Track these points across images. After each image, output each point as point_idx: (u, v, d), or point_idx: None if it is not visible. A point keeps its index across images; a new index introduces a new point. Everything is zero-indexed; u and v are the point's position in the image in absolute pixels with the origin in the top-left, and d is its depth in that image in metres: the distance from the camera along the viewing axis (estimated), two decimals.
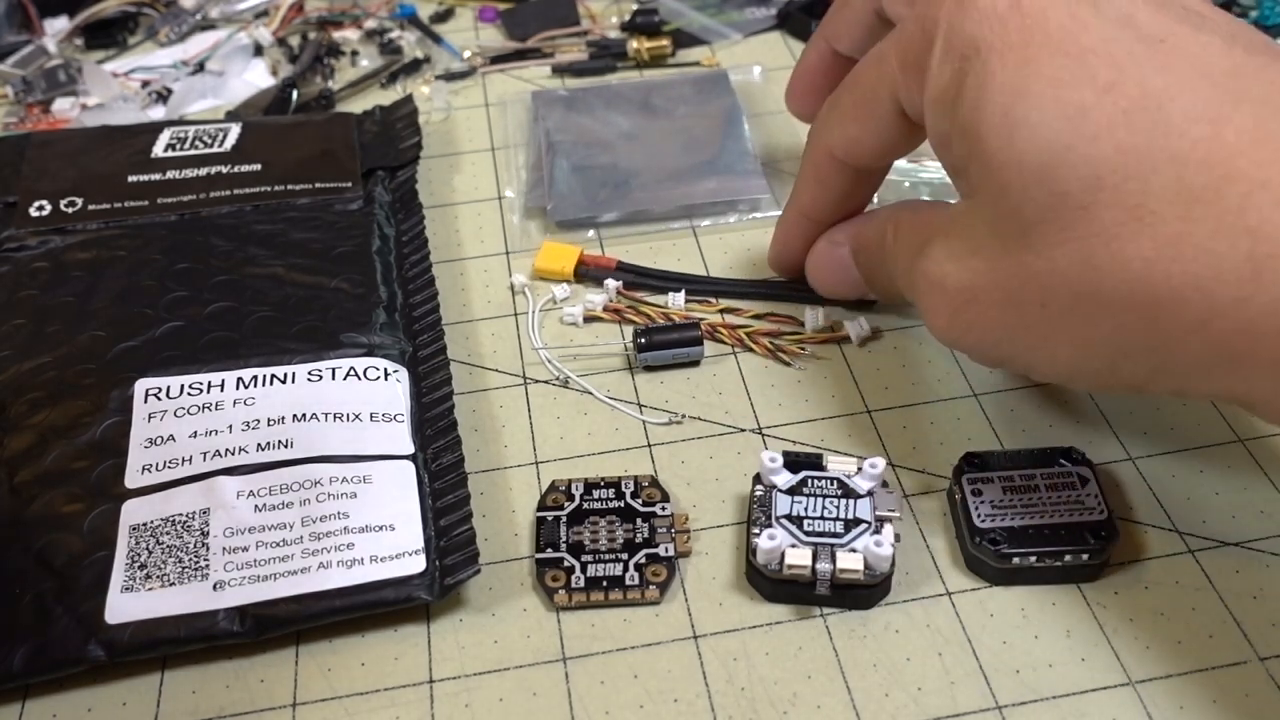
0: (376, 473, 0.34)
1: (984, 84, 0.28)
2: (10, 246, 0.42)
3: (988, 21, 0.28)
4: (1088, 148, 0.26)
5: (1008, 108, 0.27)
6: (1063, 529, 0.32)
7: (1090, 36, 0.27)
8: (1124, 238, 0.26)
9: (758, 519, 0.32)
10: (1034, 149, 0.27)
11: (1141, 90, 0.26)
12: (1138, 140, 0.26)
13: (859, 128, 0.34)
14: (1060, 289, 0.27)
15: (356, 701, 0.31)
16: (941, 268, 0.30)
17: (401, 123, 0.48)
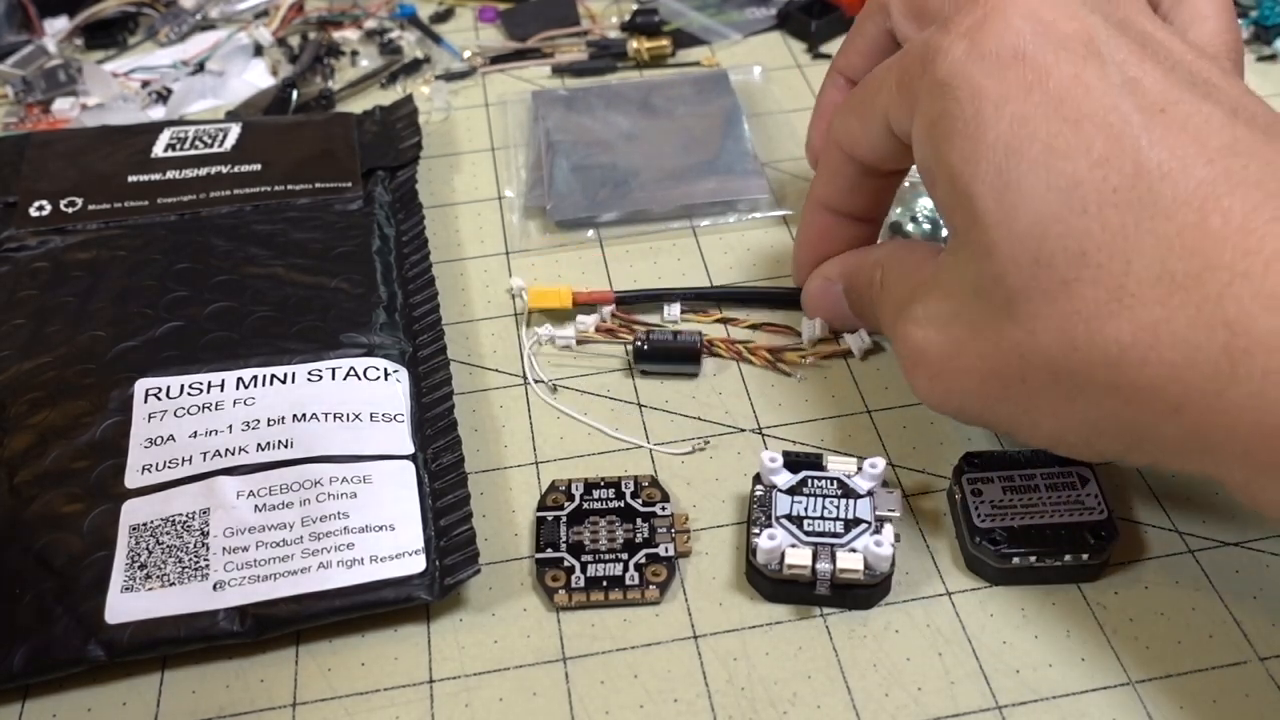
0: (376, 473, 0.34)
1: (978, 133, 0.27)
2: (10, 246, 0.42)
3: (989, 66, 0.27)
4: (1076, 221, 0.26)
5: (1001, 167, 0.27)
6: (1063, 529, 0.32)
7: (1091, 102, 0.26)
8: (1103, 318, 0.25)
9: (758, 519, 0.32)
10: (1024, 215, 0.26)
11: (1135, 167, 0.25)
12: (1125, 220, 0.25)
13: (858, 128, 0.34)
14: (1039, 365, 0.27)
15: (356, 701, 0.31)
16: (923, 332, 0.30)
17: (401, 123, 0.48)
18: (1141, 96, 0.26)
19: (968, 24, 0.28)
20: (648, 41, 0.54)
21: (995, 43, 0.27)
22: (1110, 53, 0.27)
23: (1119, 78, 0.27)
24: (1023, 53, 0.27)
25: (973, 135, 0.27)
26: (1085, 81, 0.27)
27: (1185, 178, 0.25)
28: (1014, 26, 0.27)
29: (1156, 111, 0.26)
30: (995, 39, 0.27)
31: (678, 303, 0.41)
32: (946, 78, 0.28)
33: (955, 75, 0.28)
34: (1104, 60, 0.27)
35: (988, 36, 0.28)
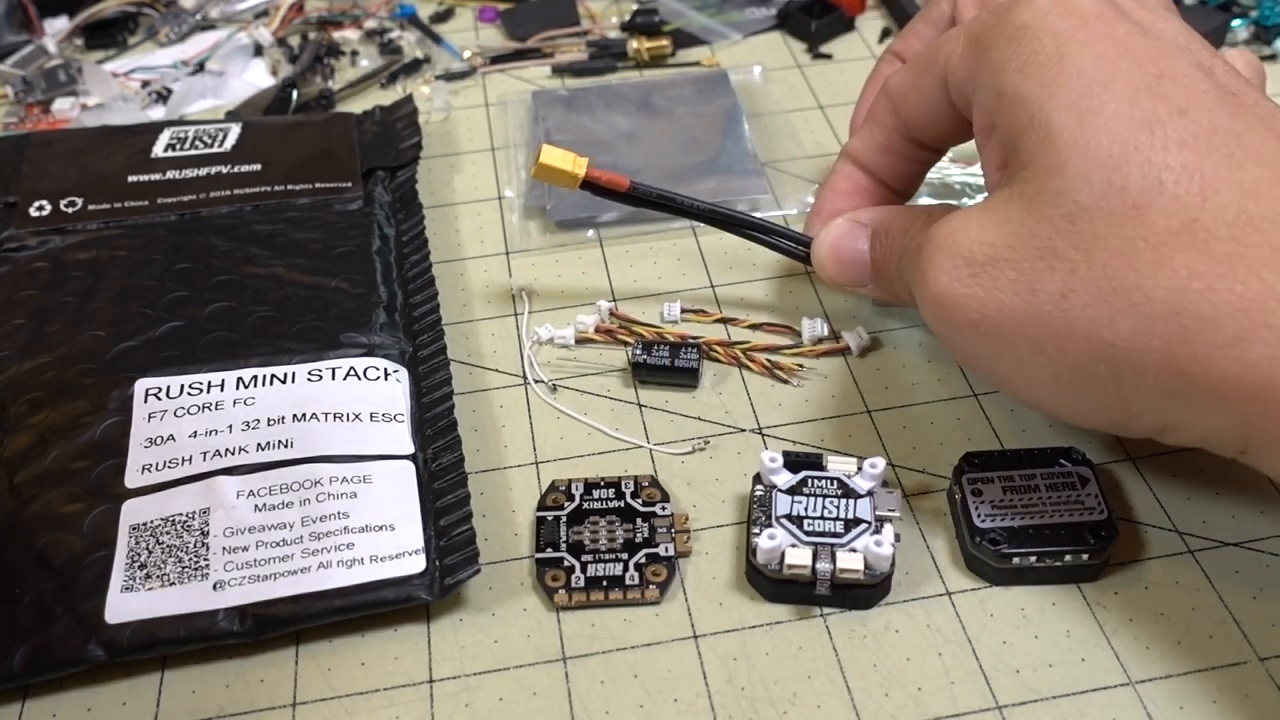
0: (376, 473, 0.34)
1: (1061, 65, 0.28)
2: (10, 246, 0.42)
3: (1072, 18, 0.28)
4: (1157, 154, 0.26)
5: (1086, 90, 0.27)
6: (1063, 529, 0.32)
7: (1171, 65, 0.27)
8: (1173, 246, 0.25)
9: (758, 519, 0.32)
10: (1105, 137, 0.27)
11: (1212, 125, 0.26)
12: (1204, 164, 0.26)
13: (911, 82, 0.34)
14: (1090, 282, 0.26)
15: (356, 701, 0.31)
16: (959, 228, 0.29)
17: (401, 123, 0.48)
18: (1215, 79, 0.27)
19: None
20: (648, 41, 0.54)
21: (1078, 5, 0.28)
22: (1182, 40, 0.28)
23: (1192, 59, 0.28)
24: (1103, 15, 0.28)
25: (1054, 66, 0.28)
26: (1163, 52, 0.28)
27: (1260, 146, 0.26)
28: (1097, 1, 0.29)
29: (1229, 92, 0.27)
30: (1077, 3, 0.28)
31: (678, 302, 0.41)
32: (1030, 21, 0.29)
33: (1039, 20, 0.29)
34: (1177, 45, 0.28)
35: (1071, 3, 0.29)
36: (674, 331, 0.40)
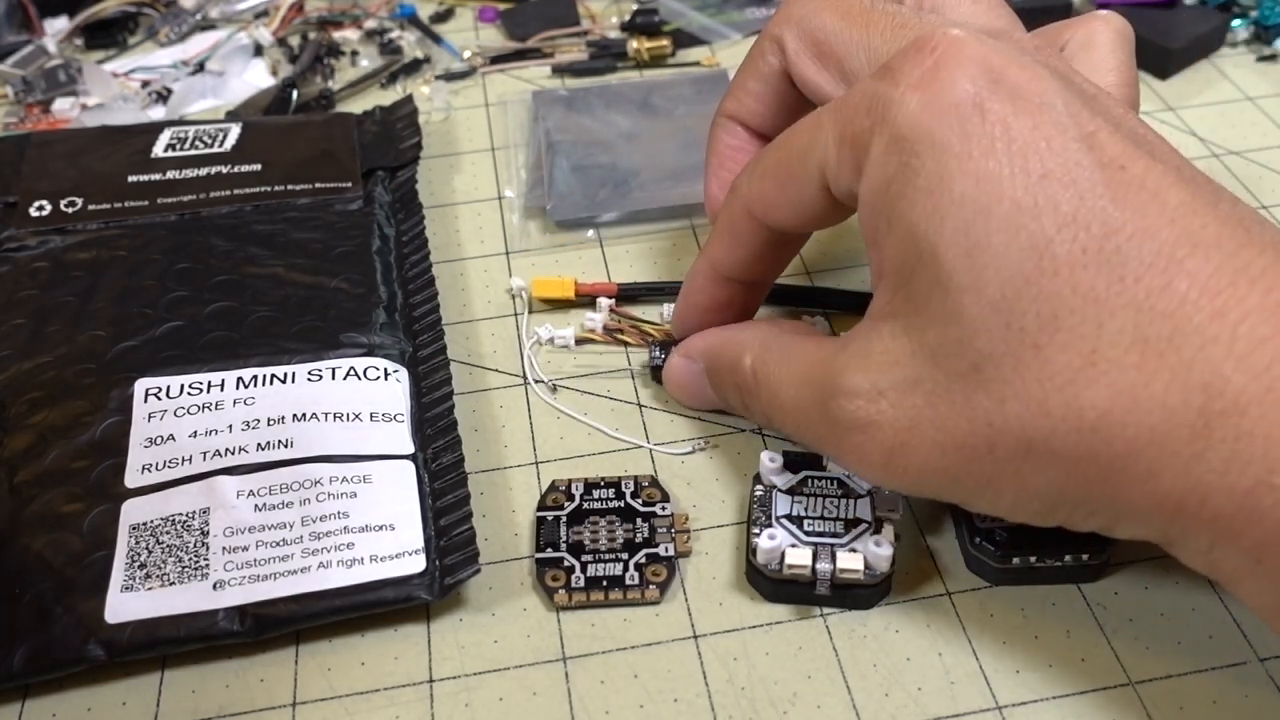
0: (376, 472, 0.34)
1: (942, 189, 0.26)
2: (10, 246, 0.42)
3: (946, 118, 0.26)
4: (1047, 284, 0.25)
5: (970, 225, 0.25)
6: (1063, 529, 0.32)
7: (1053, 157, 0.25)
8: (1079, 384, 0.25)
9: (758, 519, 0.32)
10: (994, 277, 0.25)
11: (1102, 227, 0.25)
12: (1096, 282, 0.25)
13: (779, 191, 0.31)
14: (1009, 434, 0.26)
15: (356, 701, 0.31)
16: (872, 407, 0.28)
17: (401, 123, 0.48)
18: (1100, 152, 0.26)
19: (918, 74, 0.27)
20: (648, 41, 0.54)
21: (951, 94, 0.26)
22: (1062, 104, 0.26)
23: (1076, 132, 0.26)
24: (980, 104, 0.26)
25: (937, 192, 0.26)
26: (1045, 135, 0.26)
27: (1150, 239, 0.25)
28: (968, 75, 0.26)
29: (1116, 169, 0.25)
30: (950, 90, 0.26)
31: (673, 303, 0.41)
32: (904, 131, 0.26)
33: (914, 129, 0.26)
34: (1058, 113, 0.26)
35: (943, 88, 0.26)
36: None
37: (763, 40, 0.35)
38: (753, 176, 0.32)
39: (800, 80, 0.34)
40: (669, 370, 0.37)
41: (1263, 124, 0.49)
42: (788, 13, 0.34)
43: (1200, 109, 0.50)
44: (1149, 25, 0.52)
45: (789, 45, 0.34)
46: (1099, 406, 0.24)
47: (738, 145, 0.37)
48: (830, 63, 0.32)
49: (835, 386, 0.28)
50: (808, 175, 0.30)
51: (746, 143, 0.37)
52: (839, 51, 0.32)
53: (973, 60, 0.26)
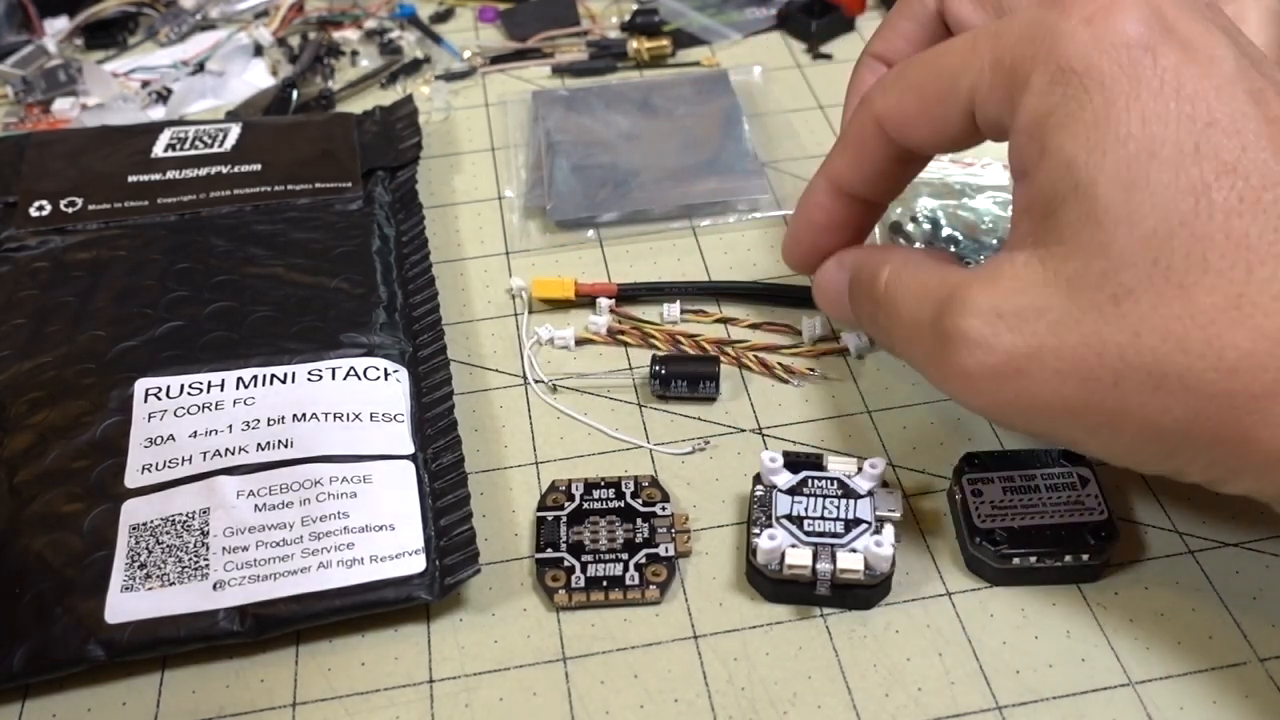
0: (376, 472, 0.34)
1: (1107, 124, 0.26)
2: (10, 246, 0.42)
3: (1117, 56, 0.26)
4: (1202, 226, 0.25)
5: (1132, 163, 0.25)
6: (1063, 529, 0.32)
7: (1220, 106, 0.26)
8: (1221, 324, 0.25)
9: (758, 519, 0.32)
10: (1151, 213, 0.25)
11: (1261, 178, 0.25)
12: (1250, 230, 0.25)
13: (919, 109, 0.31)
14: (1140, 368, 0.26)
15: (356, 701, 0.31)
16: (988, 326, 0.27)
17: (401, 123, 0.48)
18: (1266, 107, 0.26)
19: (1091, 9, 0.27)
20: (648, 41, 0.54)
21: (1124, 33, 0.26)
22: (1232, 60, 0.26)
23: (1244, 85, 0.26)
24: (1152, 47, 0.26)
25: (1102, 127, 0.26)
26: (1214, 84, 0.26)
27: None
28: (1142, 17, 0.26)
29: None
30: (1123, 29, 0.26)
31: (677, 302, 0.41)
32: (1073, 63, 0.26)
33: (1083, 62, 0.26)
34: (1228, 66, 0.26)
35: (1115, 25, 0.26)
36: (679, 331, 0.40)
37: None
38: (891, 91, 0.31)
39: (955, 20, 0.33)
40: (822, 276, 0.35)
41: None
42: None
43: None
44: None
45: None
46: (1241, 348, 0.25)
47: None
48: (989, 3, 0.32)
49: (952, 300, 0.28)
50: (955, 97, 0.29)
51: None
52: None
53: (1147, 3, 0.27)
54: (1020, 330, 0.27)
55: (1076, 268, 0.26)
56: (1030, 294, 0.27)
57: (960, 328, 0.28)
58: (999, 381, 0.27)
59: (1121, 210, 0.26)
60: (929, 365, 0.29)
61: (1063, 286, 0.27)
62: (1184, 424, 0.26)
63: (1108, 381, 0.26)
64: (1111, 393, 0.26)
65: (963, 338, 0.28)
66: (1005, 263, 0.28)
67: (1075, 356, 0.26)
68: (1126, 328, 0.26)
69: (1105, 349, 0.26)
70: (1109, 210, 0.26)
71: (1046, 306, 0.27)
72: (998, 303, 0.27)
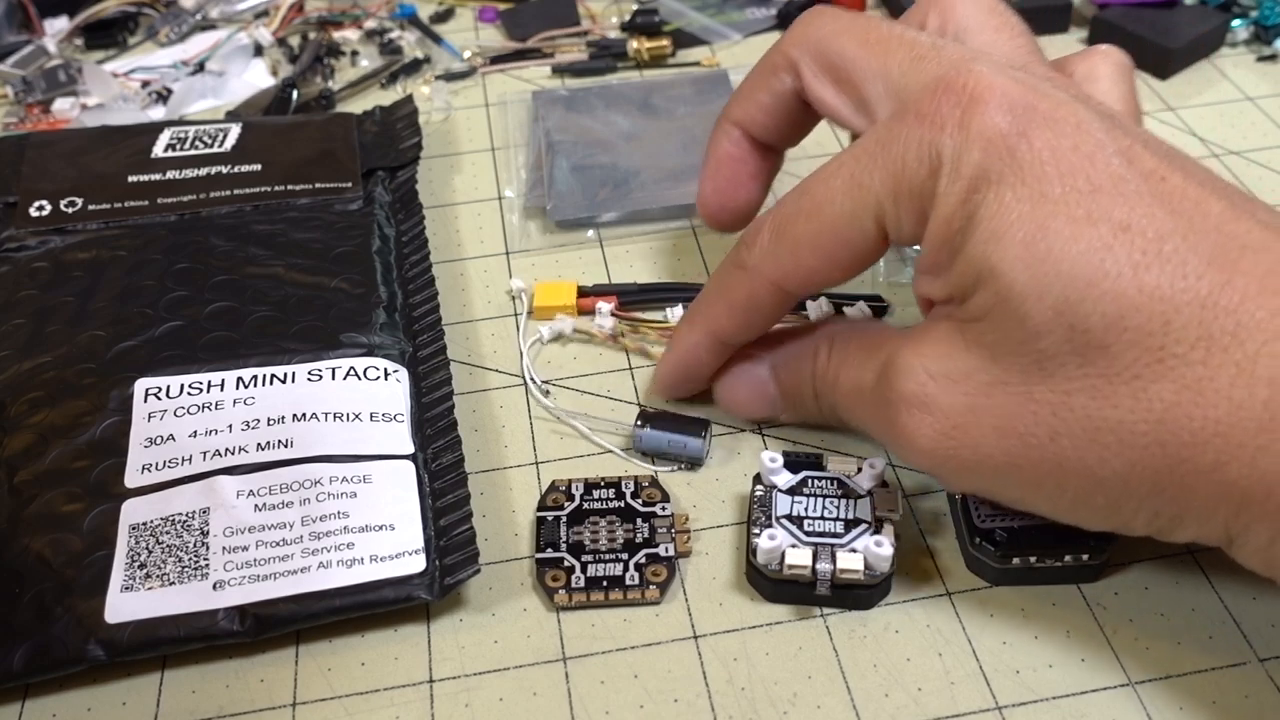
0: (376, 472, 0.34)
1: (1000, 215, 0.27)
2: (10, 246, 0.42)
3: (996, 151, 0.27)
4: (1111, 285, 0.25)
5: (1030, 240, 0.26)
6: (1063, 529, 0.32)
7: (1099, 173, 0.26)
8: (1146, 378, 0.25)
9: (758, 519, 0.32)
10: (1058, 282, 0.26)
11: (1156, 232, 0.26)
12: (1159, 282, 0.25)
13: (822, 261, 0.31)
14: (1074, 424, 0.26)
15: (356, 701, 0.31)
16: (924, 386, 0.28)
17: (401, 123, 0.48)
18: (1140, 164, 0.27)
19: (957, 115, 0.27)
20: (648, 41, 0.54)
21: (994, 129, 0.27)
22: (1096, 125, 0.27)
23: (1114, 148, 0.27)
24: (1023, 133, 0.27)
25: (996, 219, 0.27)
26: (1087, 153, 0.27)
27: (1203, 240, 0.26)
28: (1004, 109, 0.27)
29: (1158, 179, 0.26)
30: (992, 126, 0.27)
31: (680, 306, 0.41)
32: (962, 171, 0.27)
33: (970, 167, 0.27)
34: (1095, 131, 0.27)
35: (985, 124, 0.27)
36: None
37: (775, 56, 0.35)
38: (780, 254, 0.32)
39: (817, 102, 0.34)
40: (728, 381, 0.36)
41: (1263, 124, 0.49)
42: (803, 34, 0.34)
43: (1200, 109, 0.50)
44: (1149, 25, 0.52)
45: (805, 69, 0.34)
46: (1166, 399, 0.25)
47: (738, 155, 0.37)
48: (847, 89, 0.33)
49: (889, 365, 0.29)
50: (860, 235, 0.30)
51: (748, 153, 0.37)
52: (856, 78, 0.32)
53: (1004, 95, 0.27)
54: (954, 390, 0.28)
55: (995, 337, 0.27)
56: (956, 358, 0.28)
57: (899, 391, 0.29)
58: (942, 439, 0.29)
59: (1028, 285, 0.26)
60: (878, 427, 0.31)
61: (985, 352, 0.28)
62: (1123, 475, 0.26)
63: (1045, 438, 0.27)
64: (1051, 448, 0.27)
65: (902, 400, 0.29)
66: (930, 328, 0.29)
67: (1011, 414, 0.27)
68: (1055, 387, 0.27)
69: (1039, 407, 0.27)
70: (1014, 287, 0.26)
71: (972, 369, 0.28)
72: (928, 365, 0.29)
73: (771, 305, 0.34)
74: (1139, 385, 0.26)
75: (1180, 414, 0.25)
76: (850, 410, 0.33)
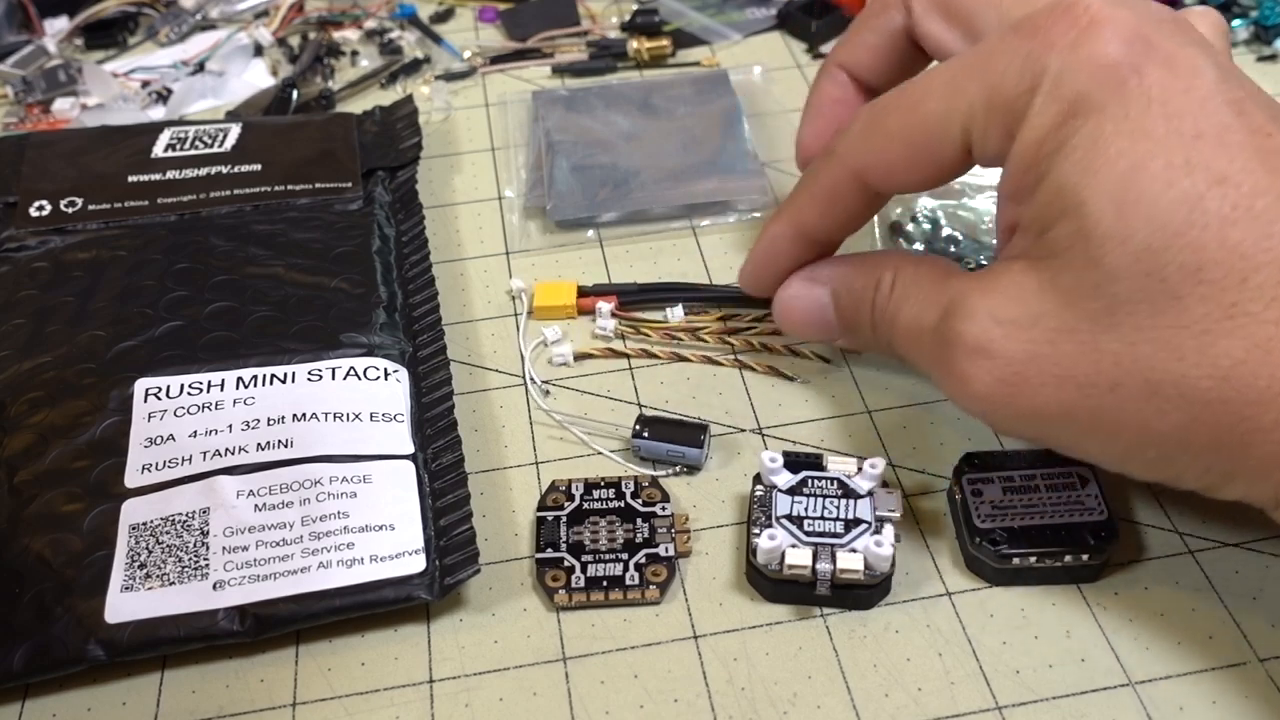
0: (376, 472, 0.34)
1: (1097, 146, 0.26)
2: (10, 246, 0.42)
3: (1105, 80, 0.26)
4: (1195, 237, 0.25)
5: (1124, 178, 0.26)
6: (1063, 529, 0.32)
7: (1205, 119, 0.26)
8: (1216, 333, 0.25)
9: (758, 519, 0.32)
10: (1144, 227, 0.26)
11: (1251, 187, 0.25)
12: (1242, 238, 0.25)
13: (907, 157, 0.31)
14: (1136, 375, 0.26)
15: (356, 701, 0.31)
16: (988, 331, 0.28)
17: (401, 123, 0.48)
18: (1249, 118, 0.26)
19: (1071, 36, 0.27)
20: (648, 41, 0.54)
21: (1107, 57, 0.27)
22: (1211, 72, 0.27)
23: (1225, 97, 0.26)
24: (1136, 66, 0.26)
25: (1092, 149, 0.26)
26: (1199, 98, 0.26)
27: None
28: (1123, 39, 0.27)
29: (1264, 135, 0.26)
30: (1106, 53, 0.27)
31: (679, 306, 0.41)
32: (1064, 93, 0.27)
33: (1073, 90, 0.27)
34: (1209, 79, 0.27)
35: (1098, 49, 0.27)
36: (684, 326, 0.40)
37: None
38: (870, 142, 0.32)
39: (926, 38, 0.33)
40: (787, 298, 0.35)
41: None
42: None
43: None
44: None
45: (916, 4, 0.33)
46: (1234, 356, 0.25)
47: (841, 98, 0.37)
48: (958, 21, 0.32)
49: (954, 306, 0.29)
50: (948, 139, 0.30)
51: (852, 95, 0.37)
52: (969, 10, 0.32)
53: (1125, 25, 0.27)
54: (1019, 338, 0.28)
55: (1071, 280, 0.27)
56: (1027, 302, 0.28)
57: (960, 334, 0.29)
58: (999, 386, 0.28)
59: (1113, 226, 0.26)
60: (934, 370, 0.30)
61: (1059, 296, 0.27)
62: (1180, 429, 0.26)
63: (1105, 387, 0.27)
64: (1109, 398, 0.27)
65: (963, 344, 0.28)
66: (1002, 271, 0.29)
67: (1072, 363, 0.27)
68: (1122, 337, 0.26)
69: (1102, 356, 0.27)
70: (1099, 226, 0.26)
71: (1043, 314, 0.27)
72: (995, 310, 0.28)
73: (852, 198, 0.33)
74: (1208, 339, 0.25)
75: (1248, 371, 0.25)
76: (907, 347, 0.32)
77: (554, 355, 0.40)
